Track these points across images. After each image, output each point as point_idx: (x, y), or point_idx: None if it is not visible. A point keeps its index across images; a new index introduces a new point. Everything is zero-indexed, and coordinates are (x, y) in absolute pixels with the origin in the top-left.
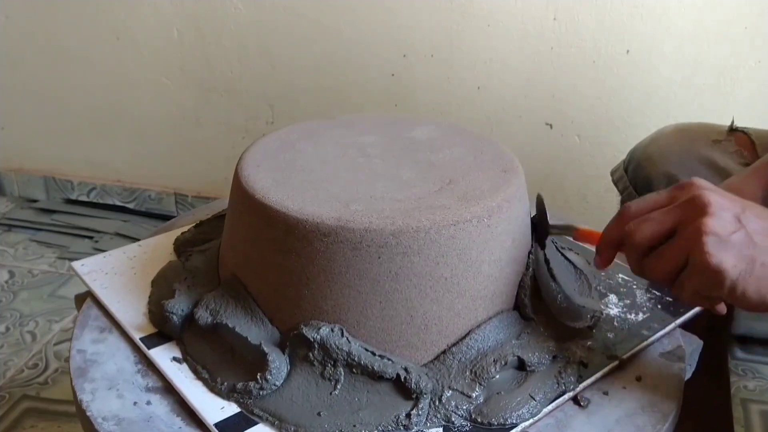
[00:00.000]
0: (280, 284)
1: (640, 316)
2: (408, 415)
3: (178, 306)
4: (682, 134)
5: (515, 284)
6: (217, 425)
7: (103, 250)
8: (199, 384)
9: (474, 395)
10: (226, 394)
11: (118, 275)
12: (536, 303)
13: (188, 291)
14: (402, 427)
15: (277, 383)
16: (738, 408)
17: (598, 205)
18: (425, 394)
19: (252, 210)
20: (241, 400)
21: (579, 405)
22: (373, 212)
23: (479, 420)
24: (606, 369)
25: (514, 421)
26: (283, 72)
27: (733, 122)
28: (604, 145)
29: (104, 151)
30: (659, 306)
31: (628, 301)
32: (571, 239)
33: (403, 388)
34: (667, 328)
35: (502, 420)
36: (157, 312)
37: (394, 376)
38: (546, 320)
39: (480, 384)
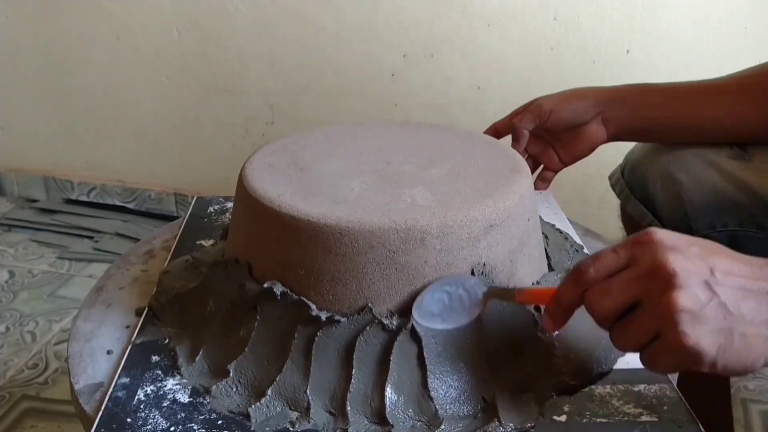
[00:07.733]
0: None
1: None
2: None
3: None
4: None
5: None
6: None
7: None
8: None
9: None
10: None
11: None
12: None
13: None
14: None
15: None
16: (738, 408)
17: (598, 205)
18: None
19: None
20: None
21: None
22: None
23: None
24: None
25: None
26: (283, 72)
27: None
28: (604, 146)
29: (104, 151)
30: None
31: None
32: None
33: None
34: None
35: None
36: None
37: None
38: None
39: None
